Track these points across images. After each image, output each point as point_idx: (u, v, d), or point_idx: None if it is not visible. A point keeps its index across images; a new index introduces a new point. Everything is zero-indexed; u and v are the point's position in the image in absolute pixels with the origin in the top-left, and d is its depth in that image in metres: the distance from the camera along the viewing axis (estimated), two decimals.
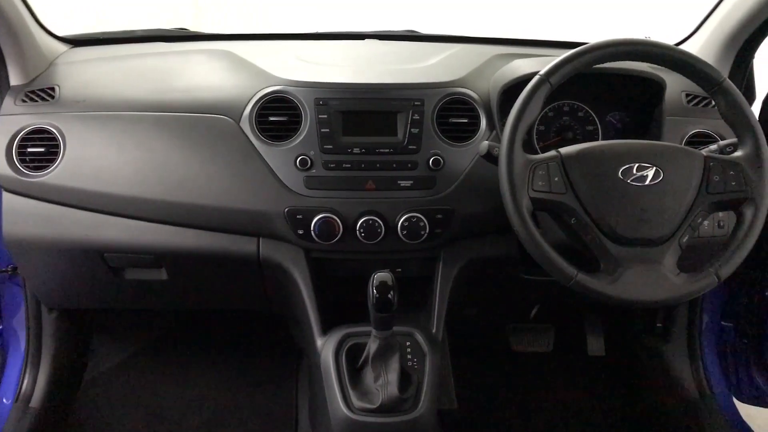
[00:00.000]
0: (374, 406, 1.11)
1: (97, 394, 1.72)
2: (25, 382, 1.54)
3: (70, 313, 1.60)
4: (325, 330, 1.24)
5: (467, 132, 1.28)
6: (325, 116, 1.23)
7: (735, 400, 1.66)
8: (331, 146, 1.23)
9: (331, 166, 1.23)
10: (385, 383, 1.12)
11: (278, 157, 1.23)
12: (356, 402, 1.13)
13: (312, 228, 1.20)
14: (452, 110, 1.27)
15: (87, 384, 1.74)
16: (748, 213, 1.05)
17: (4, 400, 1.54)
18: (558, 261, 1.03)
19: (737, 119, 1.07)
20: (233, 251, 1.26)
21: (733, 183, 1.05)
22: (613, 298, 1.03)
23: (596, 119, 1.37)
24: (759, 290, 1.56)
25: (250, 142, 1.23)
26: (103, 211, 1.25)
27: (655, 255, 1.04)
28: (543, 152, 1.10)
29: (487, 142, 1.10)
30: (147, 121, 1.26)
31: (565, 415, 1.79)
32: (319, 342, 1.23)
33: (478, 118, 1.28)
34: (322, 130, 1.23)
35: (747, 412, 1.65)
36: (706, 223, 1.27)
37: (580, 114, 1.37)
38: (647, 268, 1.03)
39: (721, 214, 1.28)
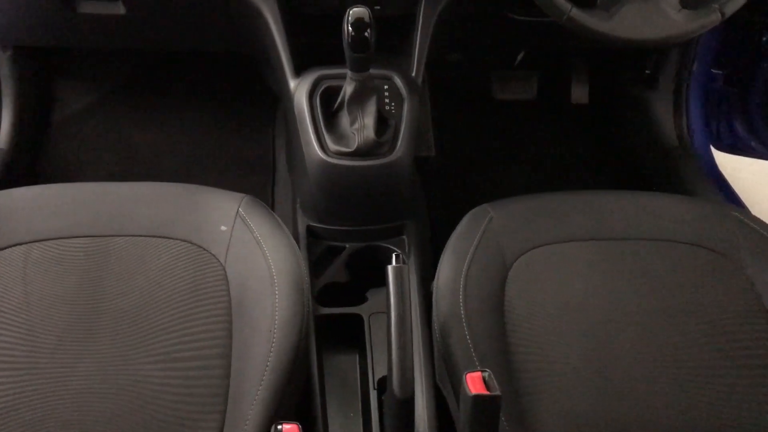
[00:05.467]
0: (350, 150, 1.09)
1: (67, 137, 1.69)
2: None
3: (26, 52, 1.52)
4: (299, 72, 1.17)
5: None
6: None
7: (712, 148, 1.68)
8: None
9: None
10: (361, 127, 1.09)
11: None
12: (332, 146, 1.10)
13: None
14: None
15: (57, 127, 1.70)
16: None
17: None
18: None
19: None
20: None
21: None
22: (607, 37, 0.96)
23: None
24: (756, 35, 1.49)
25: None
26: None
27: None
28: None
29: None
30: None
31: (545, 162, 1.81)
32: (292, 84, 1.17)
33: None
34: None
35: (721, 160, 1.68)
36: None
37: None
38: (647, 2, 0.95)
39: None
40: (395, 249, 1.21)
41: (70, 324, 0.87)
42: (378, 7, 1.17)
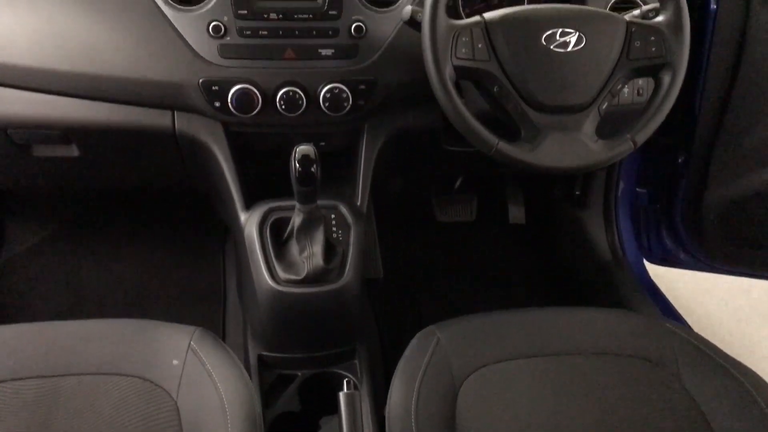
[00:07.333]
0: (300, 278, 1.12)
1: (15, 277, 1.68)
2: None
3: None
4: (248, 205, 1.22)
5: None
6: None
7: (645, 262, 1.77)
8: (245, 11, 1.15)
9: (247, 33, 1.16)
10: (310, 255, 1.13)
11: (189, 23, 1.15)
12: (282, 274, 1.14)
13: (229, 100, 1.15)
14: None
15: (5, 267, 1.69)
16: (666, 79, 1.06)
17: None
18: (480, 130, 1.03)
19: None
20: (146, 125, 1.20)
21: (653, 49, 1.05)
22: (532, 166, 1.04)
23: None
24: (671, 157, 1.61)
25: (158, 7, 1.14)
26: (3, 84, 1.16)
27: (575, 122, 1.05)
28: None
29: (410, 6, 1.05)
30: None
31: (487, 280, 1.86)
32: (243, 217, 1.21)
33: None
34: None
35: (655, 272, 1.76)
36: (625, 90, 1.28)
37: None
38: (566, 135, 1.04)
39: (640, 81, 1.30)
40: (347, 374, 1.22)
41: None
42: (323, 144, 1.25)
